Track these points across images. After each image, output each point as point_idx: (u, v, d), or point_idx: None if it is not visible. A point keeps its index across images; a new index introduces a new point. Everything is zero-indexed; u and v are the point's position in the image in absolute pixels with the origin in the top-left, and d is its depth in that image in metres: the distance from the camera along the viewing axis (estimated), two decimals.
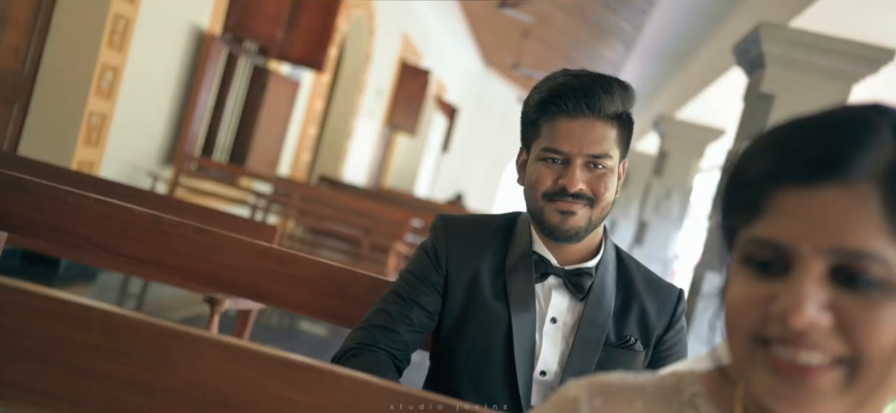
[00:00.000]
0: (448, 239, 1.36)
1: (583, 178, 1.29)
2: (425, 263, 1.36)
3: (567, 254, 1.35)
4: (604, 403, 0.70)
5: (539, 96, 1.33)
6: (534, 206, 1.33)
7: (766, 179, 0.62)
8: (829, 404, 0.60)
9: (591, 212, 1.31)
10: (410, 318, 1.32)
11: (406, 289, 1.34)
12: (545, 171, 1.31)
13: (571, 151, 1.29)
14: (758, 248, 0.62)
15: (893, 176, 0.58)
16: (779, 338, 0.60)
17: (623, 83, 1.33)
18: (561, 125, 1.30)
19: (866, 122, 0.60)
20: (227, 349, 0.85)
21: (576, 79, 1.31)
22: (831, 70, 3.90)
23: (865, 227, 0.58)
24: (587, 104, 1.28)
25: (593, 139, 1.29)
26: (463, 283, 1.33)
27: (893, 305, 0.58)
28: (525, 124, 1.37)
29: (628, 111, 1.34)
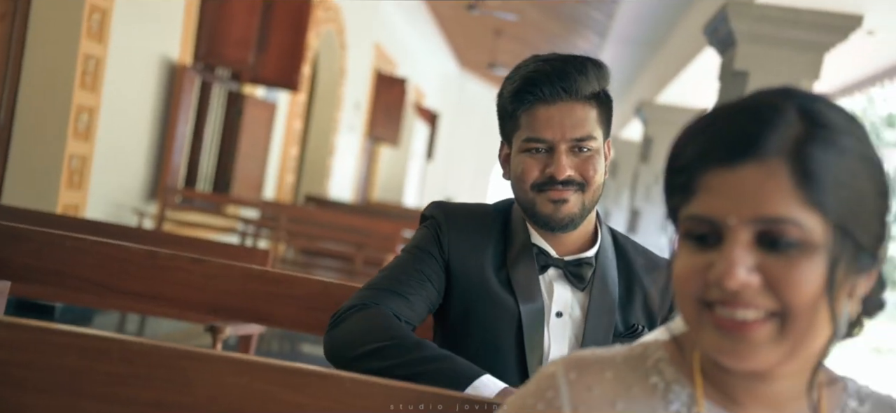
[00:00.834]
0: (448, 227, 1.32)
1: (570, 164, 1.27)
2: (430, 240, 1.32)
3: (565, 244, 1.32)
4: (578, 376, 0.77)
5: (513, 87, 1.29)
6: (524, 199, 1.31)
7: (695, 163, 0.70)
8: (766, 353, 0.68)
9: (583, 196, 1.28)
10: (416, 287, 1.27)
11: (411, 261, 1.30)
12: (530, 162, 1.28)
13: (554, 138, 1.26)
14: (694, 224, 0.70)
15: (799, 150, 0.67)
16: (719, 300, 0.68)
17: (596, 61, 1.30)
18: (540, 113, 1.27)
19: (774, 106, 0.69)
20: (237, 364, 0.91)
21: (548, 63, 1.28)
22: (801, 41, 4.01)
23: (780, 197, 0.66)
24: (563, 88, 1.25)
25: (574, 122, 1.26)
26: (466, 273, 1.30)
27: (811, 262, 0.67)
28: (502, 117, 1.34)
29: (605, 89, 1.31)
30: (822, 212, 0.66)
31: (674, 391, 0.76)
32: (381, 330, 1.18)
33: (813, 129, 0.68)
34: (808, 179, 0.66)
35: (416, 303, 1.26)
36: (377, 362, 1.14)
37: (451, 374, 1.10)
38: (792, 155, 0.67)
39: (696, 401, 0.75)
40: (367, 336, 1.18)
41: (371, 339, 1.17)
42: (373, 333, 1.18)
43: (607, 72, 1.30)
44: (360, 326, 1.20)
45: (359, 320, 1.21)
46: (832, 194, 0.66)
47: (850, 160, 0.68)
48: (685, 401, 0.75)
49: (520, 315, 1.26)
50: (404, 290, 1.26)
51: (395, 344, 1.15)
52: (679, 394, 0.76)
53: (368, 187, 11.80)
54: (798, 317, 0.67)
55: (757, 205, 0.67)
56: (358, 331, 1.20)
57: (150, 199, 5.37)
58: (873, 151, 0.71)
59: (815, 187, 0.66)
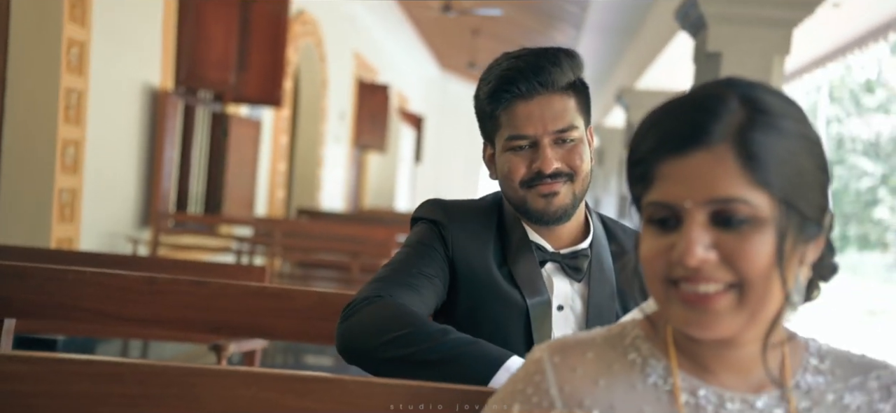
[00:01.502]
0: (451, 224, 1.32)
1: (556, 156, 1.27)
2: (433, 237, 1.31)
3: (559, 237, 1.33)
4: (562, 359, 0.83)
5: (489, 87, 1.29)
6: (514, 197, 1.31)
7: (651, 155, 0.77)
8: (729, 321, 0.75)
9: (572, 186, 1.29)
10: (424, 281, 1.25)
11: (416, 257, 1.28)
12: (516, 159, 1.28)
13: (537, 133, 1.26)
14: (655, 210, 0.77)
15: (742, 136, 0.73)
16: (683, 277, 0.75)
17: (568, 51, 1.30)
18: (519, 110, 1.26)
19: (718, 96, 0.75)
20: (244, 376, 0.97)
21: (521, 60, 1.28)
22: (770, 19, 4.08)
23: (729, 179, 0.73)
24: (539, 82, 1.25)
25: (555, 115, 1.26)
26: (472, 269, 1.29)
27: (761, 235, 0.73)
28: (482, 118, 1.34)
29: (580, 77, 1.30)
30: (768, 189, 0.73)
31: (650, 365, 0.82)
32: (401, 318, 1.15)
33: (754, 115, 0.74)
34: (753, 161, 0.73)
35: (426, 296, 1.25)
36: (401, 350, 1.11)
37: (481, 357, 1.08)
38: (736, 140, 0.73)
39: (672, 372, 0.81)
40: (388, 324, 1.14)
41: (392, 327, 1.14)
42: (394, 321, 1.14)
43: (580, 60, 1.30)
44: (379, 316, 1.16)
45: (376, 310, 1.17)
46: (775, 173, 0.73)
47: (790, 140, 0.74)
48: (661, 373, 0.82)
49: (527, 309, 1.26)
50: (413, 283, 1.24)
51: (417, 330, 1.12)
52: (655, 367, 0.82)
53: (359, 195, 11.85)
54: (753, 286, 0.74)
55: (709, 188, 0.73)
56: (377, 320, 1.16)
57: (142, 226, 5.40)
58: (811, 130, 0.77)
59: (759, 168, 0.72)
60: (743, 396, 0.80)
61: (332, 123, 9.61)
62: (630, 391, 0.81)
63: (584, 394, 0.81)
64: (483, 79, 1.32)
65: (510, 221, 1.34)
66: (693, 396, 0.80)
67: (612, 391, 0.81)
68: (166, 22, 5.50)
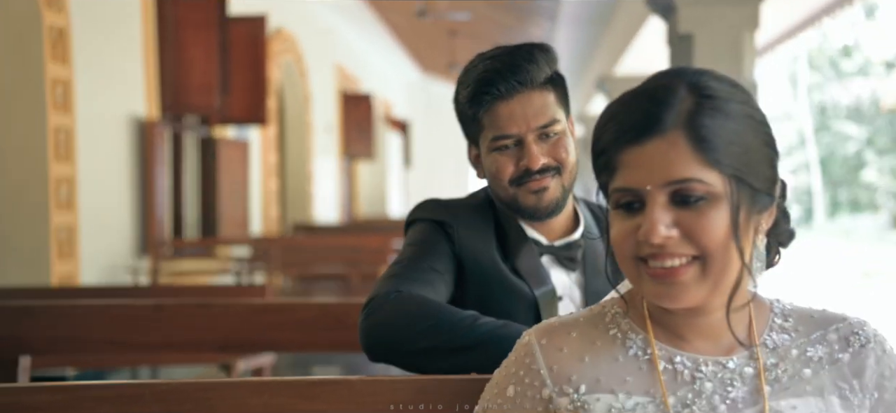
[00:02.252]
0: (455, 222, 1.32)
1: (541, 152, 1.28)
2: (438, 235, 1.31)
3: (552, 230, 1.34)
4: (549, 340, 0.90)
5: (468, 91, 1.30)
6: (504, 196, 1.32)
7: (612, 146, 0.84)
8: (694, 291, 0.82)
9: (561, 179, 1.30)
10: (435, 276, 1.26)
11: (423, 256, 1.28)
12: (503, 159, 1.29)
13: (520, 131, 1.27)
14: (620, 196, 0.84)
15: (692, 121, 0.81)
16: (650, 254, 0.82)
17: (541, 46, 1.31)
18: (500, 110, 1.27)
19: (668, 87, 0.83)
20: (255, 385, 1.04)
21: (496, 60, 1.29)
22: None
23: (683, 162, 0.80)
24: (518, 81, 1.26)
25: (536, 111, 1.27)
26: (479, 264, 1.30)
27: (717, 210, 0.81)
28: (464, 122, 1.35)
29: (556, 70, 1.31)
30: (719, 168, 0.80)
31: (630, 338, 0.89)
32: (428, 309, 1.16)
33: (701, 101, 0.81)
34: (703, 144, 0.80)
35: (440, 290, 1.25)
36: (433, 340, 1.12)
37: (514, 337, 1.05)
38: (687, 126, 0.81)
39: (649, 342, 0.88)
40: (416, 317, 1.15)
41: (421, 318, 1.15)
42: (421, 313, 1.15)
43: (554, 54, 1.31)
44: (404, 309, 1.17)
45: (399, 304, 1.18)
46: (724, 152, 0.80)
47: (736, 121, 0.82)
48: (640, 344, 0.89)
49: (534, 300, 1.27)
50: (426, 278, 1.24)
51: (446, 319, 1.14)
52: (634, 340, 0.89)
53: (352, 204, 11.91)
54: (714, 257, 0.81)
55: (666, 172, 0.80)
56: (403, 314, 1.16)
57: (141, 255, 5.45)
58: (756, 110, 0.85)
59: (709, 149, 0.80)
60: (716, 359, 0.87)
61: (319, 137, 9.67)
62: (613, 364, 0.88)
63: (572, 371, 0.88)
64: (461, 82, 1.33)
65: (505, 217, 1.35)
66: (670, 363, 0.87)
67: (597, 366, 0.88)
68: (147, 52, 5.56)
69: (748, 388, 0.85)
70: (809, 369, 0.87)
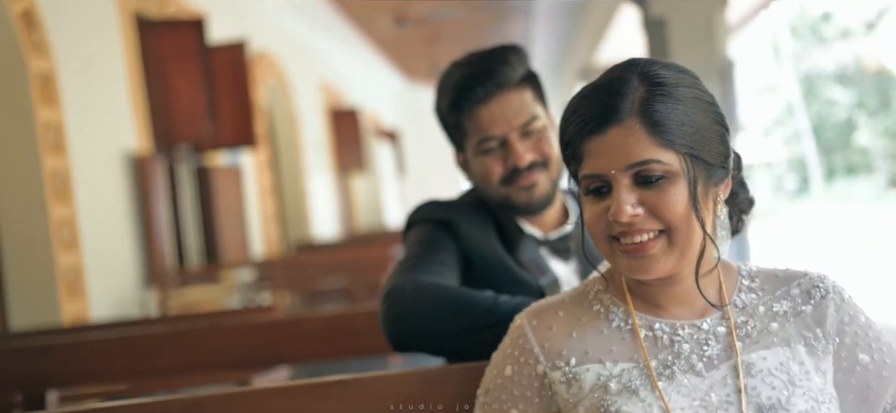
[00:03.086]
0: (457, 219, 1.35)
1: (526, 149, 1.32)
2: (443, 232, 1.34)
3: (544, 223, 1.39)
4: (538, 321, 0.99)
5: (448, 99, 1.35)
6: (495, 196, 1.36)
7: (576, 137, 0.92)
8: (664, 262, 0.91)
9: (548, 173, 1.35)
10: (444, 269, 1.29)
11: (430, 251, 1.31)
12: (490, 161, 1.34)
13: (504, 132, 1.31)
14: (589, 182, 0.93)
15: (645, 108, 0.90)
16: (620, 233, 0.91)
17: (513, 46, 1.36)
18: (481, 114, 1.32)
19: (621, 79, 0.91)
20: (273, 391, 1.12)
21: (472, 66, 1.33)
22: None
23: (641, 146, 0.89)
24: (495, 84, 1.31)
25: (516, 111, 1.31)
26: (485, 257, 1.33)
27: (676, 186, 0.89)
28: (448, 129, 1.40)
29: (530, 68, 1.35)
30: (674, 148, 0.89)
31: (612, 311, 0.98)
32: (448, 294, 1.19)
33: (652, 88, 0.90)
34: (657, 127, 0.89)
35: (451, 282, 1.28)
36: (459, 322, 1.16)
37: None
38: (641, 112, 0.89)
39: (630, 313, 0.97)
40: (439, 303, 1.18)
41: (444, 302, 1.18)
42: (443, 299, 1.18)
43: (526, 52, 1.37)
44: (426, 296, 1.19)
45: (419, 294, 1.20)
46: (677, 133, 0.89)
47: (686, 104, 0.90)
48: (621, 316, 0.97)
49: (541, 290, 1.30)
50: (437, 270, 1.27)
51: (468, 301, 1.17)
52: (616, 313, 0.98)
53: (351, 217, 11.98)
54: (677, 229, 0.90)
55: (626, 156, 0.89)
56: (426, 302, 1.19)
57: (147, 288, 5.52)
58: (704, 92, 0.94)
59: (663, 132, 0.89)
60: (691, 322, 0.95)
61: (311, 154, 9.75)
62: (598, 336, 0.97)
63: (562, 346, 0.97)
64: (439, 91, 1.39)
65: (500, 213, 1.39)
66: (650, 330, 0.95)
67: (584, 339, 0.97)
68: (133, 87, 5.63)
69: (722, 346, 0.94)
70: (776, 323, 0.96)
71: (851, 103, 22.29)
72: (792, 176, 24.08)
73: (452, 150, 1.45)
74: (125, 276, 5.32)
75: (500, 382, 0.99)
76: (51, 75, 4.65)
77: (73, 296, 4.65)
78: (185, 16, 6.12)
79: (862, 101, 22.05)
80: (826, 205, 19.00)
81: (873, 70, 21.09)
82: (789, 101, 23.68)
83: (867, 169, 21.99)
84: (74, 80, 4.87)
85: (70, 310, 4.59)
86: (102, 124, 5.21)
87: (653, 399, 0.90)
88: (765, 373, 0.91)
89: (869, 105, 21.87)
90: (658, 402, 0.89)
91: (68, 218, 4.68)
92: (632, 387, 0.91)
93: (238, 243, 6.85)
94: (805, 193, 22.69)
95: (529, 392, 0.97)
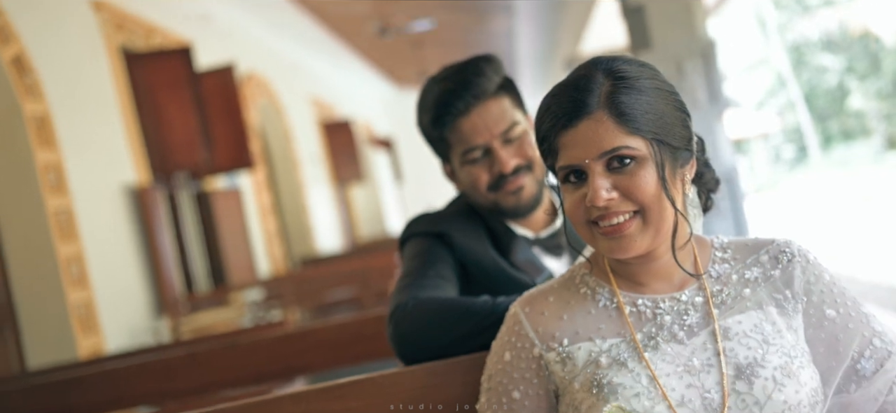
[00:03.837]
0: (450, 231, 1.39)
1: (510, 154, 1.37)
2: (438, 245, 1.38)
3: (534, 223, 1.44)
4: (531, 308, 1.07)
5: (429, 115, 1.40)
6: (484, 203, 1.41)
7: (551, 132, 1.01)
8: (640, 240, 0.99)
9: (533, 174, 1.40)
10: (443, 282, 1.34)
11: (428, 266, 1.35)
12: (476, 170, 1.39)
13: (486, 140, 1.37)
14: (566, 173, 1.01)
15: (611, 100, 0.98)
16: (598, 217, 1.00)
17: (486, 57, 1.41)
18: (463, 126, 1.37)
19: (587, 76, 1.00)
20: (292, 397, 1.20)
21: (448, 81, 1.38)
22: None
23: (610, 135, 0.97)
24: (473, 95, 1.36)
25: (495, 119, 1.37)
26: (481, 264, 1.37)
27: (646, 170, 0.98)
28: (432, 143, 1.45)
29: (505, 76, 1.41)
30: (640, 134, 0.97)
31: (598, 292, 1.06)
32: (448, 305, 1.26)
33: (616, 82, 0.99)
34: (623, 117, 0.97)
35: (450, 293, 1.34)
36: (463, 328, 1.22)
37: None
38: (607, 105, 0.98)
39: (614, 292, 1.05)
40: (442, 314, 1.24)
41: (445, 313, 1.24)
42: (444, 310, 1.25)
43: (499, 61, 1.42)
44: (428, 311, 1.25)
45: (422, 309, 1.26)
46: (642, 121, 0.97)
47: (648, 94, 0.99)
48: (607, 296, 1.06)
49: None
50: (436, 284, 1.32)
51: (468, 307, 1.24)
52: (602, 293, 1.06)
53: (353, 228, 12.06)
54: (650, 208, 0.98)
55: (598, 145, 0.97)
56: (428, 315, 1.25)
57: (159, 317, 5.60)
58: (664, 82, 1.02)
59: (629, 121, 0.97)
60: (671, 295, 1.04)
61: (308, 169, 9.83)
62: (587, 316, 1.05)
63: (554, 329, 1.05)
64: (420, 108, 1.44)
65: (491, 218, 1.44)
66: (634, 306, 1.04)
67: (574, 320, 1.05)
68: (127, 121, 5.71)
69: (700, 314, 1.02)
70: (748, 289, 1.04)
71: (841, 69, 22.35)
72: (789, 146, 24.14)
73: (439, 162, 1.50)
74: (136, 307, 5.40)
75: (501, 368, 1.08)
76: (46, 117, 4.74)
77: (87, 331, 4.73)
78: (172, 45, 6.21)
79: (851, 65, 22.12)
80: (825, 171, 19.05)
81: (859, 34, 21.15)
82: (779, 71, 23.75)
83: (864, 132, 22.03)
84: (69, 120, 4.95)
85: (86, 345, 4.67)
86: (100, 160, 5.29)
87: (640, 369, 0.98)
88: (740, 335, 0.99)
89: (858, 69, 21.94)
90: (646, 371, 0.97)
91: (76, 255, 4.76)
92: (621, 359, 0.99)
93: (244, 264, 6.92)
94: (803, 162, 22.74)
95: (528, 374, 1.05)
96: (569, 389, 1.02)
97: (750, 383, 0.94)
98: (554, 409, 1.05)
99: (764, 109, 23.93)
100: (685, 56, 3.94)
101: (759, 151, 23.72)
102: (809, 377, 0.97)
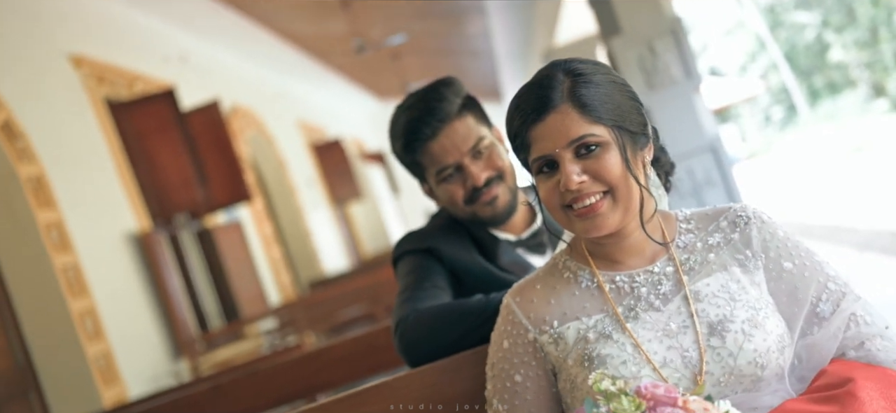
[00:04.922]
0: (438, 245, 1.48)
1: (480, 168, 1.47)
2: (429, 259, 1.47)
3: (515, 226, 1.53)
4: (521, 297, 1.18)
5: (400, 143, 1.51)
6: (464, 215, 1.50)
7: (521, 128, 1.12)
8: (611, 219, 1.10)
9: (505, 183, 1.49)
10: (440, 292, 1.43)
11: (422, 280, 1.44)
12: (451, 187, 1.48)
13: (456, 159, 1.46)
14: (539, 164, 1.12)
15: (573, 94, 1.09)
16: (571, 201, 1.10)
17: (445, 81, 1.51)
18: (433, 149, 1.47)
19: (550, 75, 1.11)
20: (316, 410, 1.31)
21: (413, 109, 1.48)
22: None
23: (575, 125, 1.08)
24: (438, 120, 1.46)
25: (462, 138, 1.46)
26: (471, 271, 1.46)
27: (610, 153, 1.09)
28: (407, 166, 1.55)
29: (466, 95, 1.50)
30: (602, 123, 1.09)
31: (579, 275, 1.18)
32: (445, 309, 1.36)
33: (576, 79, 1.10)
34: (585, 108, 1.09)
35: (445, 300, 1.43)
36: (462, 327, 1.33)
37: None
38: (571, 98, 1.09)
39: (594, 273, 1.17)
40: (440, 319, 1.35)
41: (445, 317, 1.35)
42: (442, 314, 1.35)
43: (459, 83, 1.53)
44: (429, 318, 1.36)
45: (421, 319, 1.37)
46: (602, 110, 1.09)
47: (604, 87, 1.10)
48: (588, 276, 1.17)
49: None
50: (432, 294, 1.42)
51: (464, 308, 1.34)
52: (582, 275, 1.17)
53: (357, 246, 12.15)
54: (618, 188, 1.09)
55: (565, 135, 1.09)
56: (428, 322, 1.36)
57: (177, 359, 5.69)
58: (617, 76, 1.14)
59: (591, 111, 1.09)
60: (644, 269, 1.15)
61: (305, 194, 9.93)
62: (572, 298, 1.16)
63: (544, 313, 1.16)
64: (391, 136, 1.55)
65: (474, 227, 1.53)
66: (613, 283, 1.15)
67: (561, 303, 1.16)
68: (121, 170, 5.80)
69: (672, 282, 1.13)
70: (713, 253, 1.15)
71: (818, 23, 22.45)
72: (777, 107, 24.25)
73: (417, 182, 1.59)
74: (153, 353, 5.50)
75: (501, 355, 1.19)
76: (42, 177, 4.83)
77: (109, 382, 4.82)
78: (155, 89, 6.30)
79: (827, 19, 22.23)
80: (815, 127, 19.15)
81: None
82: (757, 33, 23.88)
83: (848, 83, 22.13)
84: (64, 177, 5.04)
85: (109, 396, 4.76)
86: (100, 212, 5.37)
87: (625, 339, 1.09)
88: (710, 296, 1.10)
89: (834, 21, 22.06)
90: (629, 340, 1.08)
91: (88, 308, 4.85)
92: (606, 333, 1.10)
93: (254, 295, 7.02)
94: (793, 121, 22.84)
95: (526, 357, 1.16)
96: (564, 366, 1.13)
97: (722, 338, 1.05)
98: (553, 385, 1.16)
99: (747, 74, 24.03)
100: (655, 36, 4.05)
101: (748, 117, 23.84)
102: (775, 325, 1.07)
